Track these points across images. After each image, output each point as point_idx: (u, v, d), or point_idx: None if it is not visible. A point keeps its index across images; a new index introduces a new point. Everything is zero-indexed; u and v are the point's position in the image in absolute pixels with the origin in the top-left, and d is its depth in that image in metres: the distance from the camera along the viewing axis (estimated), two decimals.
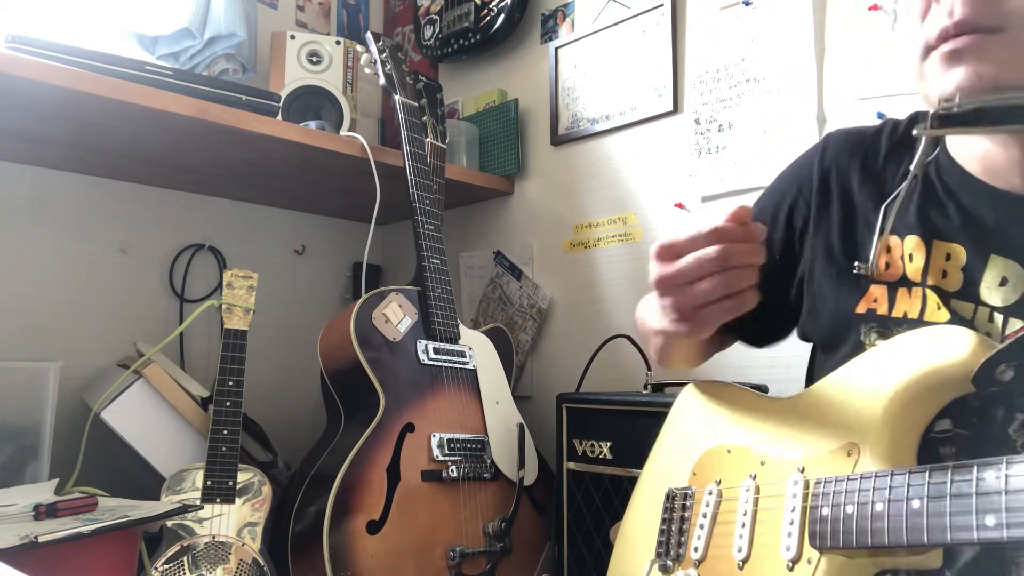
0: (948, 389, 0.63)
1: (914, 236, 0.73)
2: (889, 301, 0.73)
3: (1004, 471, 0.52)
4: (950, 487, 0.55)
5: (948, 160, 0.74)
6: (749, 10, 1.37)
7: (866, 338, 0.73)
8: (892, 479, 0.59)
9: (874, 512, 0.59)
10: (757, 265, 0.67)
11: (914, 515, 0.56)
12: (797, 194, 0.85)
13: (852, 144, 0.83)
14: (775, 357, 1.14)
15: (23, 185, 1.48)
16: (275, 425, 1.59)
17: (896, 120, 0.83)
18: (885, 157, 0.80)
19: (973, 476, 0.53)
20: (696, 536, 0.77)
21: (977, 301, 0.68)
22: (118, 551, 1.03)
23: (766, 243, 0.86)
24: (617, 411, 1.25)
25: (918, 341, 0.65)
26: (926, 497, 0.56)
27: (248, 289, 1.37)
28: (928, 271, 0.71)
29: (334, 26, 2.08)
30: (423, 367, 1.36)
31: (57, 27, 1.52)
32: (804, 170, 0.86)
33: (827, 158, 0.84)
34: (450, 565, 1.25)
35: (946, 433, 0.65)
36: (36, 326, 1.48)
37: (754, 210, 0.91)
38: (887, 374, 0.66)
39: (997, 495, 0.52)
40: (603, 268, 1.60)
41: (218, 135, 1.36)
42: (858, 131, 0.85)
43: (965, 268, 0.69)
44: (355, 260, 2.00)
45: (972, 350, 0.60)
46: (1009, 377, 0.59)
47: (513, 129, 1.77)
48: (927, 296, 0.70)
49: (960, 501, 0.54)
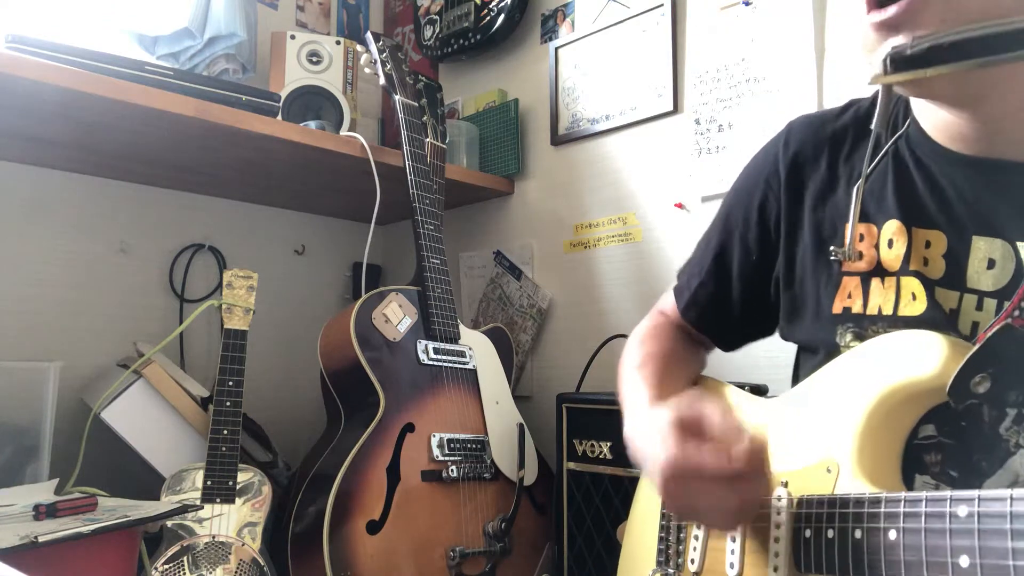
0: (923, 401, 0.61)
1: (894, 221, 0.70)
2: (863, 295, 0.71)
3: (976, 507, 0.49)
4: (924, 519, 0.53)
5: (918, 131, 0.71)
6: (749, 10, 1.37)
7: (841, 339, 0.72)
8: (868, 504, 0.58)
9: (853, 540, 0.58)
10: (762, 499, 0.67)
11: (891, 548, 0.55)
12: (766, 188, 0.82)
13: (815, 129, 0.80)
14: (775, 357, 1.15)
15: (23, 185, 1.48)
16: (275, 425, 1.59)
17: (860, 100, 0.79)
18: (854, 137, 0.77)
19: (947, 510, 0.51)
20: (692, 547, 0.77)
21: (963, 288, 0.65)
22: (118, 551, 1.03)
23: (741, 243, 0.85)
24: (617, 411, 1.23)
25: (890, 349, 0.63)
26: (901, 528, 0.54)
27: (248, 289, 1.37)
28: (910, 257, 0.68)
29: (334, 26, 2.08)
30: (423, 367, 1.36)
31: (57, 27, 1.52)
32: (768, 163, 0.83)
33: (791, 147, 0.80)
34: (450, 565, 1.25)
35: (931, 439, 0.64)
36: (36, 326, 1.48)
37: (723, 209, 0.89)
38: (861, 386, 0.64)
39: (969, 534, 0.49)
40: (603, 268, 1.60)
41: (218, 135, 1.35)
42: (820, 116, 0.81)
43: (947, 255, 0.66)
44: (355, 260, 2.00)
45: (944, 361, 0.58)
46: (985, 388, 0.57)
47: (513, 129, 1.77)
48: (901, 286, 0.68)
49: (934, 537, 0.52)
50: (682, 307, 0.93)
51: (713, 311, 0.90)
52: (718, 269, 0.88)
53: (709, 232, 0.91)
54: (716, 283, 0.88)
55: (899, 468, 0.63)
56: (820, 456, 0.66)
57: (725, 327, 0.91)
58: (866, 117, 0.77)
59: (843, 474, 0.63)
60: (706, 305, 0.90)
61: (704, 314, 0.91)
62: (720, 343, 0.94)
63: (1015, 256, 0.63)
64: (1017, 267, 0.63)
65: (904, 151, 0.72)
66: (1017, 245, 0.63)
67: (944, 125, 0.68)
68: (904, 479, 0.63)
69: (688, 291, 0.91)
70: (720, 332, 0.92)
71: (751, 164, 0.87)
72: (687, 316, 0.92)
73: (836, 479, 0.63)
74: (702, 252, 0.91)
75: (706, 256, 0.89)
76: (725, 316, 0.89)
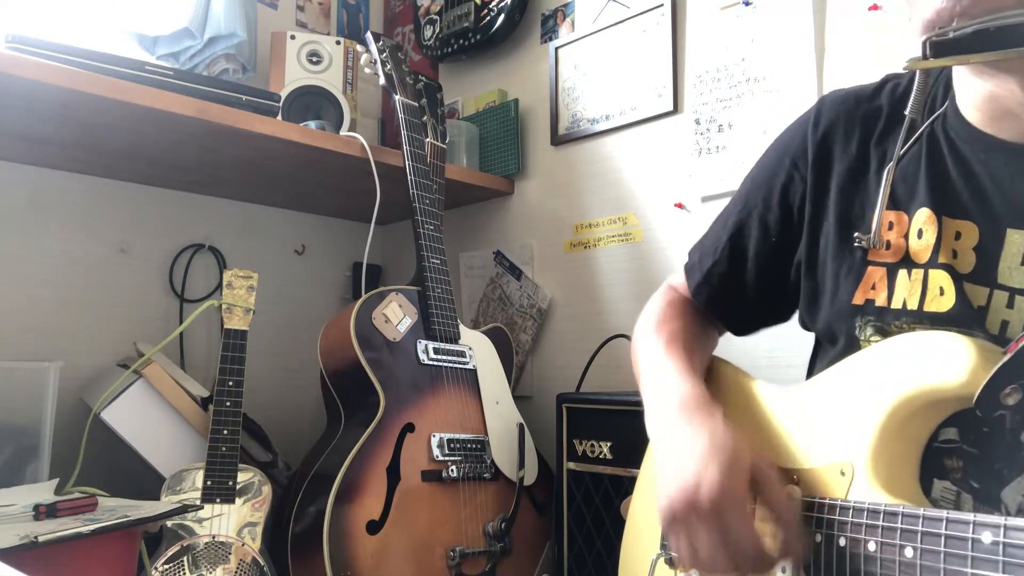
0: (946, 408, 0.58)
1: (926, 209, 0.66)
2: (888, 287, 0.67)
3: (1002, 537, 0.46)
4: (944, 542, 0.50)
5: (955, 113, 0.66)
6: (749, 10, 1.37)
7: (861, 333, 0.68)
8: (884, 516, 0.55)
9: (867, 552, 0.55)
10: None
11: (907, 566, 0.52)
12: (791, 168, 0.78)
13: (848, 108, 0.75)
14: (776, 357, 1.15)
15: (23, 185, 1.48)
16: (275, 425, 1.59)
17: (898, 75, 0.74)
18: (888, 118, 0.72)
19: (969, 535, 0.48)
20: None
21: (993, 284, 0.61)
22: (118, 551, 1.03)
23: (760, 224, 0.80)
24: (617, 411, 1.25)
25: (915, 350, 0.60)
26: (919, 547, 0.52)
27: (248, 289, 1.37)
28: (939, 249, 0.64)
29: (334, 26, 2.08)
30: (423, 367, 1.36)
31: (57, 27, 1.52)
32: (796, 141, 0.78)
33: (821, 125, 0.76)
34: (450, 565, 1.25)
35: (952, 444, 0.61)
36: (36, 326, 1.48)
37: (744, 186, 0.85)
38: (881, 387, 0.61)
39: (993, 565, 0.47)
40: (603, 268, 1.60)
41: (218, 135, 1.35)
42: (855, 92, 0.76)
43: (977, 248, 0.62)
44: (355, 260, 2.00)
45: (972, 369, 0.54)
46: (1016, 400, 0.53)
47: (513, 129, 1.77)
48: (928, 279, 0.64)
49: (954, 562, 0.49)
50: (693, 287, 0.88)
51: (725, 293, 0.85)
52: (733, 249, 0.83)
53: (727, 210, 0.86)
54: (730, 264, 0.84)
55: (917, 475, 0.60)
56: (834, 457, 0.63)
57: (738, 309, 0.87)
58: (903, 98, 0.72)
59: (858, 479, 0.60)
60: (718, 285, 0.85)
61: (716, 294, 0.86)
62: (731, 326, 0.89)
63: None
64: None
65: (939, 134, 0.67)
66: None
67: (985, 101, 0.63)
68: (922, 484, 0.61)
69: (700, 271, 0.87)
70: (732, 314, 0.88)
71: (778, 141, 0.82)
72: (698, 297, 0.88)
73: (850, 483, 0.60)
74: (718, 231, 0.86)
75: (722, 235, 0.85)
76: (738, 298, 0.85)
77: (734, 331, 0.90)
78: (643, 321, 0.89)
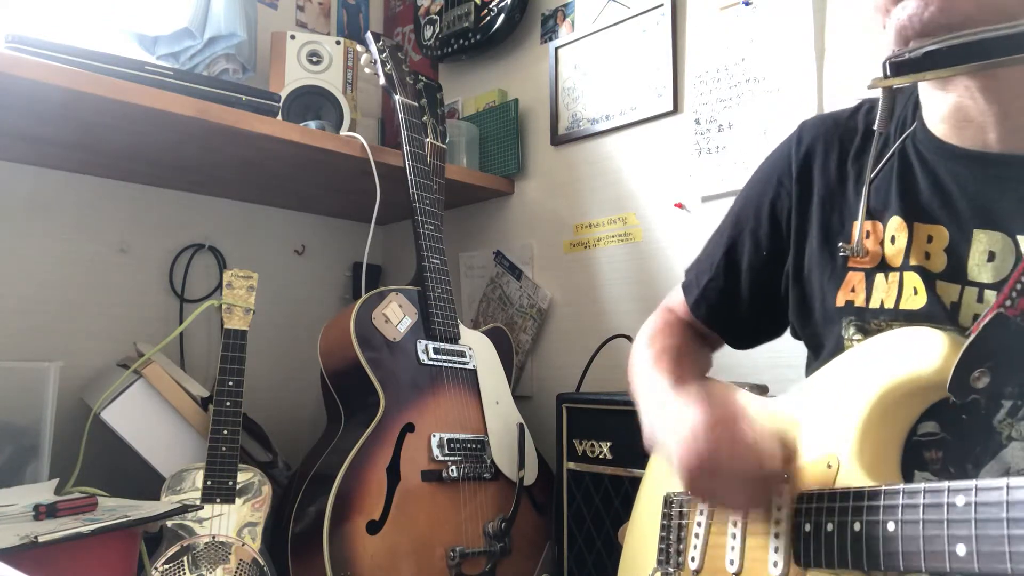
0: (924, 397, 0.62)
1: (896, 217, 0.72)
2: (867, 289, 0.72)
3: (974, 497, 0.50)
4: (923, 511, 0.53)
5: (922, 129, 0.72)
6: (749, 10, 1.37)
7: (845, 332, 0.73)
8: (867, 497, 0.58)
9: (852, 533, 0.59)
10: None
11: (889, 540, 0.55)
12: (778, 186, 0.84)
13: (827, 128, 0.82)
14: (776, 357, 1.15)
15: (23, 185, 1.48)
16: (275, 425, 1.59)
17: (872, 100, 0.80)
18: (863, 136, 0.78)
19: (944, 501, 0.52)
20: (693, 545, 0.77)
21: (964, 281, 0.66)
22: (118, 551, 1.03)
23: (752, 238, 0.86)
24: (617, 411, 1.25)
25: (892, 345, 0.64)
26: (900, 520, 0.55)
27: (248, 289, 1.37)
28: (910, 252, 0.70)
29: (334, 26, 2.08)
30: (423, 367, 1.36)
31: (57, 27, 1.52)
32: (781, 162, 0.85)
33: (803, 145, 0.82)
34: (450, 565, 1.25)
35: (932, 436, 0.64)
36: (36, 326, 1.48)
37: (735, 206, 0.91)
38: (862, 383, 0.65)
39: (967, 523, 0.50)
40: (603, 268, 1.60)
41: (218, 135, 1.36)
42: (832, 116, 0.83)
43: (948, 248, 0.67)
44: (355, 260, 2.00)
45: (944, 356, 0.58)
46: (985, 383, 0.57)
47: (513, 129, 1.77)
48: (903, 281, 0.69)
49: (932, 528, 0.52)
50: (691, 303, 0.93)
51: (723, 307, 0.90)
52: (728, 264, 0.89)
53: (719, 230, 0.92)
54: (726, 278, 0.89)
55: (899, 463, 0.63)
56: (821, 452, 0.66)
57: (735, 322, 0.91)
58: (875, 117, 0.78)
59: (843, 469, 0.63)
60: (716, 300, 0.91)
61: (714, 309, 0.91)
62: (730, 339, 0.94)
63: (1015, 249, 0.64)
64: (1017, 259, 0.64)
65: (910, 149, 0.73)
66: (1017, 238, 0.64)
67: (950, 113, 0.68)
68: (904, 475, 0.64)
69: (698, 287, 0.92)
70: (730, 327, 0.92)
71: (764, 164, 0.89)
72: (697, 312, 0.93)
73: (837, 474, 0.64)
74: (712, 249, 0.92)
75: (716, 252, 0.90)
76: (735, 311, 0.90)
77: (733, 344, 0.95)
78: (638, 340, 0.95)
